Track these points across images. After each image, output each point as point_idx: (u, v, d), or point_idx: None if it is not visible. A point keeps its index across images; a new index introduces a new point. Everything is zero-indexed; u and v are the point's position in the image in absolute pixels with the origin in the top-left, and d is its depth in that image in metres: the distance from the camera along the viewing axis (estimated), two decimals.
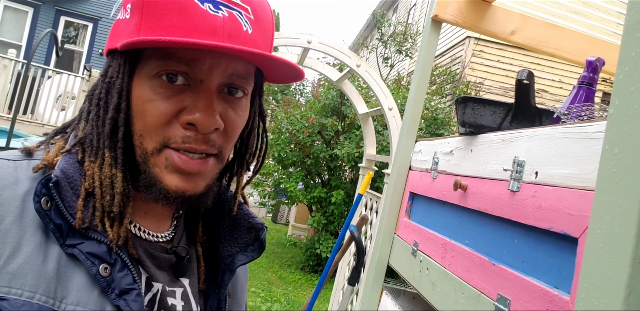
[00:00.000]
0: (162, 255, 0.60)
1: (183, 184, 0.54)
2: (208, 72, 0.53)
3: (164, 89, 0.53)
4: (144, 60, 0.54)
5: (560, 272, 0.70)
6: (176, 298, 0.59)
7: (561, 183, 0.73)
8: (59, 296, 0.48)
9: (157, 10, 0.51)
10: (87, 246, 0.51)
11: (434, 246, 1.22)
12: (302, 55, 3.11)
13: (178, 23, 0.51)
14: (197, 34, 0.51)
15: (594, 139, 0.68)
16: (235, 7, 0.53)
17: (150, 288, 0.57)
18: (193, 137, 0.53)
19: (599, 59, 0.92)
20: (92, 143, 0.55)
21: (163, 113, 0.52)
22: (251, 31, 0.54)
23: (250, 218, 0.67)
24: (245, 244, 0.65)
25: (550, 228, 0.73)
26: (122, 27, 0.55)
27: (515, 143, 0.91)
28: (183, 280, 0.62)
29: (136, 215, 0.59)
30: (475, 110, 1.12)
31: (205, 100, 0.52)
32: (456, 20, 1.58)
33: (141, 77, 0.54)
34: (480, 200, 1.00)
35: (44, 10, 9.67)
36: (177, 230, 0.65)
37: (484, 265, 0.92)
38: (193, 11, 0.51)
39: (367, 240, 3.34)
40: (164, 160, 0.53)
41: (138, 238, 0.59)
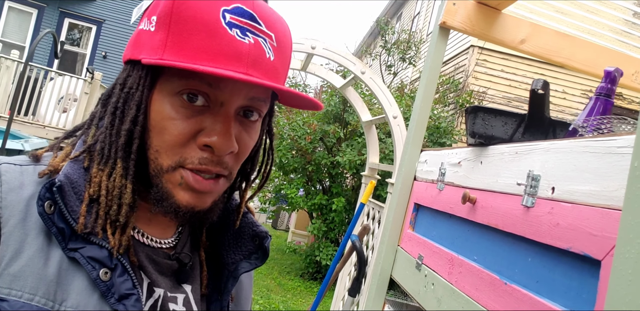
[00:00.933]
0: (165, 261, 0.60)
1: (193, 200, 0.55)
2: (229, 95, 0.54)
3: (184, 109, 0.54)
4: (167, 76, 0.54)
5: (579, 295, 0.66)
6: (178, 304, 0.59)
7: (581, 201, 0.69)
8: (59, 299, 0.49)
9: (185, 30, 0.52)
10: (88, 251, 0.52)
11: (440, 260, 1.17)
12: (305, 60, 3.07)
13: (205, 46, 0.51)
14: (222, 59, 0.51)
15: (619, 154, 0.64)
16: (261, 34, 0.54)
17: (151, 293, 0.57)
18: (209, 158, 0.54)
19: (617, 70, 0.89)
20: (103, 151, 0.55)
21: (182, 133, 0.53)
22: (273, 58, 0.55)
23: (254, 226, 0.68)
24: (249, 252, 0.66)
25: (569, 248, 0.69)
26: (147, 39, 0.55)
27: (529, 156, 0.87)
28: (185, 286, 0.62)
29: (140, 222, 0.60)
30: (486, 120, 1.08)
31: (223, 124, 0.54)
32: (464, 27, 1.55)
33: (162, 92, 0.54)
34: (491, 215, 0.96)
35: (48, 11, 9.69)
36: (181, 236, 0.65)
37: (495, 284, 0.87)
38: (221, 36, 0.52)
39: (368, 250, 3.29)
40: (179, 178, 0.54)
41: (141, 244, 0.59)
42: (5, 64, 6.76)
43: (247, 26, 0.53)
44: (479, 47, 7.26)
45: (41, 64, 8.70)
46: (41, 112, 7.12)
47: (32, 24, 9.60)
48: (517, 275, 0.83)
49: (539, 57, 1.61)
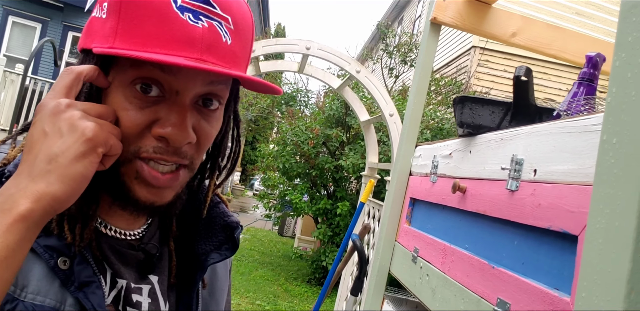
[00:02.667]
0: (129, 252, 0.59)
1: (152, 196, 0.54)
2: (184, 82, 0.52)
3: (137, 99, 0.52)
4: (119, 66, 0.52)
5: (561, 273, 0.66)
6: (142, 295, 0.58)
7: (560, 180, 0.70)
8: (20, 285, 0.49)
9: (135, 16, 0.50)
10: (45, 240, 0.51)
11: (434, 251, 1.18)
12: (302, 62, 3.09)
13: (156, 32, 0.49)
14: (175, 45, 0.50)
15: (593, 132, 0.65)
16: (215, 18, 0.52)
17: (115, 284, 0.56)
18: (164, 148, 0.53)
19: (599, 54, 0.89)
20: None
21: (135, 124, 0.52)
22: (230, 42, 0.53)
23: (225, 216, 0.67)
24: (220, 243, 0.65)
25: (549, 226, 0.69)
26: (98, 26, 0.53)
27: (513, 142, 0.88)
28: (152, 277, 0.61)
29: (104, 214, 0.59)
30: (474, 110, 1.09)
31: (178, 114, 0.52)
32: (455, 22, 1.56)
33: (115, 82, 0.53)
34: (479, 202, 0.97)
35: (51, 25, 9.80)
36: (149, 228, 0.64)
37: (484, 269, 0.88)
38: (172, 20, 0.50)
39: (369, 249, 3.29)
40: (134, 172, 0.53)
41: (104, 235, 0.58)
42: (10, 78, 6.85)
43: (200, 10, 0.51)
44: (480, 47, 7.27)
45: (46, 76, 8.80)
46: None
47: (36, 38, 9.71)
48: (504, 259, 0.83)
49: (530, 50, 1.62)
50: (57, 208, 0.45)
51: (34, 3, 9.52)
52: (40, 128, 0.47)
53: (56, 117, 0.47)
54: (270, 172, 7.14)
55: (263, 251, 8.07)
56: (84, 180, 0.46)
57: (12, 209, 0.43)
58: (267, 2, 17.85)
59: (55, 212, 0.45)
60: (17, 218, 0.42)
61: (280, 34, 20.48)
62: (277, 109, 7.90)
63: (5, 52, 9.40)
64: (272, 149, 6.71)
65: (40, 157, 0.46)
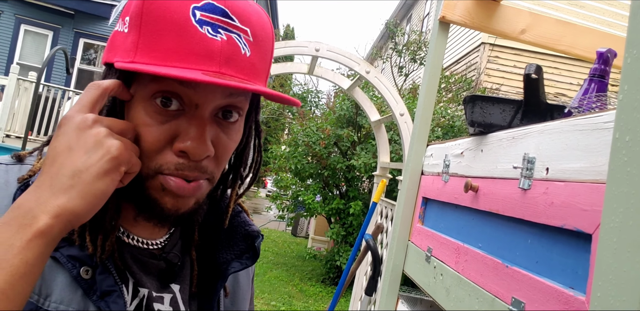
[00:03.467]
0: (151, 261, 0.60)
1: (177, 203, 0.55)
2: (204, 95, 0.52)
3: (158, 114, 0.52)
4: (140, 79, 0.53)
5: (576, 272, 0.66)
6: (164, 304, 0.59)
7: (573, 178, 0.70)
8: (44, 293, 0.49)
9: (155, 30, 0.51)
10: (68, 250, 0.52)
11: (448, 251, 1.17)
12: (311, 64, 3.10)
13: (176, 46, 0.50)
14: (194, 59, 0.50)
15: (605, 129, 0.64)
16: (234, 30, 0.52)
17: (137, 293, 0.57)
18: (186, 164, 0.53)
19: (610, 50, 0.89)
20: None
21: (157, 140, 0.52)
22: (249, 54, 0.54)
23: (246, 225, 0.67)
24: (241, 252, 0.65)
25: (563, 225, 0.69)
26: (120, 41, 0.54)
27: (525, 140, 0.88)
28: (173, 286, 0.61)
29: (126, 223, 0.60)
30: (484, 108, 1.08)
31: (197, 128, 0.52)
32: (464, 21, 1.55)
33: (136, 97, 0.53)
34: (492, 201, 0.96)
35: (63, 33, 9.91)
36: (171, 237, 0.65)
37: (498, 268, 0.87)
38: (192, 34, 0.50)
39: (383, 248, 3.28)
40: (160, 185, 0.54)
41: (126, 245, 0.59)
42: (23, 86, 6.95)
43: (218, 23, 0.51)
44: (490, 44, 7.22)
45: (59, 83, 8.91)
46: None
47: (48, 46, 9.83)
48: (518, 258, 0.83)
49: (540, 47, 1.61)
50: (75, 223, 0.46)
51: (46, 11, 9.65)
52: (65, 142, 0.47)
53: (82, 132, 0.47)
54: (283, 173, 7.16)
55: (277, 252, 8.09)
56: (104, 197, 0.47)
57: (32, 224, 0.43)
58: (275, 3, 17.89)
59: (72, 226, 0.46)
60: (36, 234, 0.43)
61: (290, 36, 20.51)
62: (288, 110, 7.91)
63: (18, 60, 9.53)
64: (284, 150, 6.73)
65: (63, 172, 0.46)
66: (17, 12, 9.60)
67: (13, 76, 6.68)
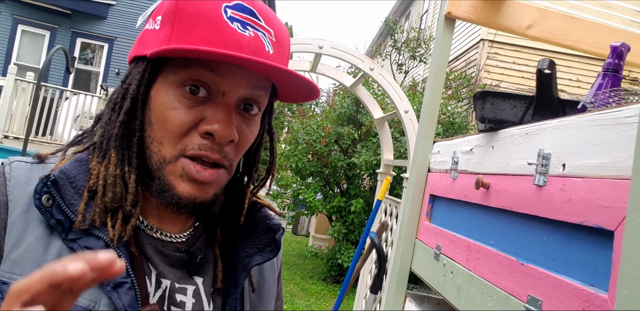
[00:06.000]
0: (173, 254, 0.62)
1: (194, 191, 0.57)
2: (231, 83, 0.56)
3: (186, 99, 0.55)
4: (169, 69, 0.56)
5: (596, 269, 0.65)
6: (187, 295, 0.60)
7: (592, 174, 0.69)
8: None
9: (189, 24, 0.55)
10: (85, 241, 0.54)
11: (458, 248, 1.16)
12: (314, 61, 3.08)
13: (207, 37, 0.54)
14: (225, 48, 0.53)
15: (626, 124, 0.63)
16: (260, 29, 0.57)
17: (159, 284, 0.59)
18: (209, 145, 0.56)
19: (623, 44, 0.87)
20: (101, 145, 0.58)
21: (184, 122, 0.55)
22: (272, 52, 0.57)
23: (268, 219, 0.69)
24: (263, 245, 0.67)
25: (582, 222, 0.68)
26: (151, 36, 0.58)
27: (539, 136, 0.87)
28: (197, 278, 0.63)
29: (151, 217, 0.62)
30: (495, 104, 1.07)
31: (224, 112, 0.55)
32: (470, 16, 1.54)
33: (165, 84, 0.56)
34: (504, 198, 0.95)
35: (60, 33, 9.88)
36: (195, 232, 0.66)
37: (512, 266, 0.87)
38: (223, 28, 0.54)
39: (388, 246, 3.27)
40: (180, 169, 0.56)
41: (149, 237, 0.61)
42: (21, 86, 6.92)
43: (247, 21, 0.55)
44: (489, 40, 7.21)
45: (56, 83, 8.87)
46: (58, 131, 7.25)
47: (46, 46, 9.79)
48: (533, 255, 0.82)
49: (547, 42, 1.59)
50: None
51: (43, 11, 9.61)
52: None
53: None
54: (283, 171, 7.15)
55: None
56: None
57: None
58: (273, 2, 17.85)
59: None
60: None
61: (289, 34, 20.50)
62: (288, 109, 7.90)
63: (15, 60, 9.50)
64: (284, 149, 6.72)
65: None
66: (14, 12, 9.57)
67: (11, 77, 6.65)
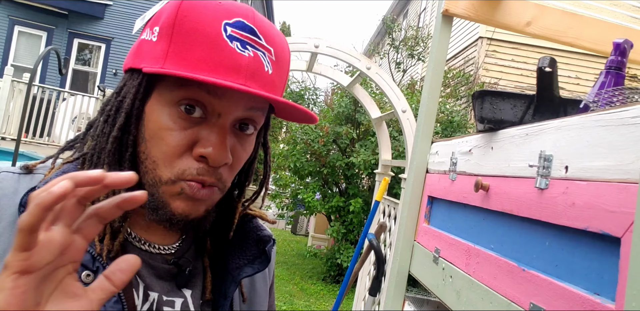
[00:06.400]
0: (161, 266, 0.61)
1: (188, 208, 0.56)
2: (227, 104, 0.55)
3: (181, 120, 0.54)
4: (165, 85, 0.55)
5: (601, 277, 0.62)
6: (175, 307, 0.60)
7: (596, 177, 0.65)
8: None
9: (187, 41, 0.53)
10: None
11: (457, 252, 1.13)
12: (310, 61, 3.05)
13: (206, 57, 0.53)
14: (222, 70, 0.53)
15: (632, 125, 0.60)
16: (260, 48, 0.55)
17: (147, 297, 0.58)
18: (205, 169, 0.55)
19: (626, 41, 0.84)
20: (92, 158, 0.57)
21: (179, 144, 0.54)
22: (271, 72, 0.57)
23: (259, 230, 0.68)
24: (253, 256, 0.66)
25: (586, 227, 0.65)
26: (148, 48, 0.56)
27: (540, 137, 0.84)
28: (185, 290, 0.62)
29: (138, 229, 0.61)
30: (494, 104, 1.04)
31: (219, 135, 0.54)
32: (468, 14, 1.51)
33: (160, 102, 0.55)
34: (505, 201, 0.92)
35: (57, 33, 9.83)
36: (184, 243, 0.65)
37: (513, 271, 0.83)
38: (222, 48, 0.53)
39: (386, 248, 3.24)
40: (179, 189, 0.55)
41: (137, 249, 0.60)
42: (18, 88, 6.88)
43: (247, 40, 0.54)
44: (487, 38, 7.18)
45: (54, 84, 8.83)
46: (56, 132, 7.22)
47: (42, 47, 9.74)
48: (535, 261, 0.79)
49: (546, 39, 1.56)
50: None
51: (39, 11, 9.56)
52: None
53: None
54: (282, 171, 7.12)
55: (277, 250, 8.04)
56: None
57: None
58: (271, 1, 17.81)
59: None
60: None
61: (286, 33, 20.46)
62: None
63: (12, 61, 9.46)
64: (283, 149, 6.69)
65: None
66: (10, 13, 9.52)
67: (7, 78, 6.61)
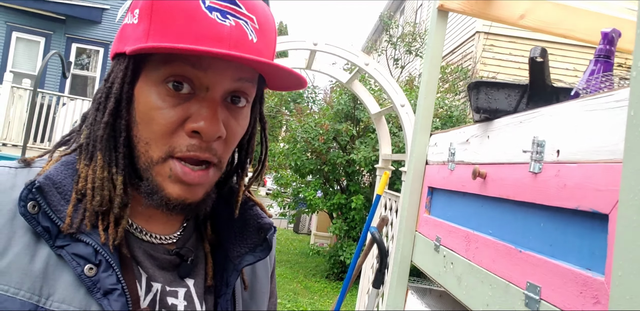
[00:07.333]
0: (163, 256, 0.60)
1: (184, 193, 0.56)
2: (214, 77, 0.54)
3: (170, 97, 0.54)
4: (151, 66, 0.55)
5: (593, 253, 0.65)
6: (178, 298, 0.59)
7: (586, 159, 0.69)
8: (45, 294, 0.50)
9: (166, 17, 0.53)
10: (73, 248, 0.53)
11: (457, 239, 1.17)
12: (309, 58, 3.08)
13: (187, 30, 0.52)
14: (205, 41, 0.52)
15: (617, 108, 0.64)
16: (241, 17, 0.54)
17: (150, 288, 0.57)
18: (197, 145, 0.54)
19: (614, 30, 0.88)
20: (87, 147, 0.57)
21: (170, 122, 0.54)
22: (256, 40, 0.55)
23: (259, 218, 0.67)
24: (254, 244, 0.65)
25: (577, 207, 0.68)
26: (130, 31, 0.56)
27: (533, 124, 0.87)
28: (187, 280, 0.62)
29: (139, 219, 0.60)
30: (489, 94, 1.07)
31: (209, 109, 0.54)
32: (463, 8, 1.54)
33: (147, 82, 0.55)
34: (501, 187, 0.96)
35: (55, 38, 9.84)
36: (185, 232, 0.65)
37: (510, 253, 0.87)
38: (202, 19, 0.52)
39: (389, 241, 3.28)
40: (168, 170, 0.55)
41: (139, 240, 0.60)
42: (17, 93, 6.91)
43: (227, 9, 0.53)
44: (484, 32, 7.20)
45: (53, 89, 8.85)
46: (56, 138, 7.25)
47: (41, 52, 9.75)
48: (531, 242, 0.82)
49: (540, 31, 1.59)
50: None
51: (37, 17, 9.58)
52: None
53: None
54: (282, 170, 7.15)
55: (280, 249, 8.10)
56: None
57: None
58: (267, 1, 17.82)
59: None
60: None
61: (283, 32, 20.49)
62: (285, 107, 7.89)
63: (11, 68, 9.47)
64: (283, 148, 6.72)
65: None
66: (7, 19, 9.54)
67: (7, 84, 6.64)
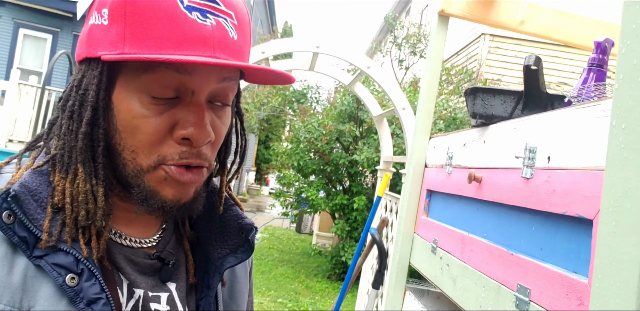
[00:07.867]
0: (144, 261, 0.59)
1: (178, 193, 0.54)
2: (200, 81, 0.52)
3: (154, 105, 0.52)
4: (129, 71, 0.52)
5: (579, 256, 0.68)
6: (161, 303, 0.58)
7: (574, 166, 0.71)
8: (25, 306, 0.48)
9: (143, 19, 0.49)
10: (53, 258, 0.50)
11: (453, 241, 1.19)
12: (312, 60, 3.11)
13: (168, 33, 0.49)
14: (188, 45, 0.50)
15: (603, 118, 0.66)
16: (221, 14, 0.52)
17: (132, 294, 0.56)
18: (188, 151, 0.53)
19: (607, 40, 0.90)
20: (63, 159, 0.53)
21: (157, 131, 0.52)
22: (236, 37, 0.54)
23: (240, 219, 0.65)
24: (236, 245, 0.63)
25: (565, 212, 0.71)
26: (101, 34, 0.52)
27: (526, 130, 0.89)
28: (169, 284, 0.60)
29: (118, 223, 0.59)
30: (485, 100, 1.10)
31: (197, 114, 0.52)
32: (464, 13, 1.57)
33: (128, 89, 0.52)
34: (495, 191, 0.98)
35: (62, 36, 9.91)
36: (164, 234, 0.63)
37: (503, 256, 0.89)
38: (182, 21, 0.50)
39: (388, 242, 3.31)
40: (163, 173, 0.53)
41: (118, 246, 0.58)
42: (24, 90, 6.97)
43: (206, 8, 0.51)
44: (490, 34, 7.20)
45: (60, 87, 8.92)
46: None
47: (48, 50, 9.82)
48: (522, 245, 0.85)
49: (540, 37, 1.62)
50: None
51: (44, 14, 9.64)
52: None
53: None
54: (285, 170, 7.18)
55: (282, 249, 8.13)
56: None
57: None
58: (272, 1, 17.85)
59: None
60: None
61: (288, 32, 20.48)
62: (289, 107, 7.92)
63: (18, 65, 9.55)
64: (286, 147, 6.74)
65: None
66: (15, 16, 9.61)
67: (14, 81, 6.71)
